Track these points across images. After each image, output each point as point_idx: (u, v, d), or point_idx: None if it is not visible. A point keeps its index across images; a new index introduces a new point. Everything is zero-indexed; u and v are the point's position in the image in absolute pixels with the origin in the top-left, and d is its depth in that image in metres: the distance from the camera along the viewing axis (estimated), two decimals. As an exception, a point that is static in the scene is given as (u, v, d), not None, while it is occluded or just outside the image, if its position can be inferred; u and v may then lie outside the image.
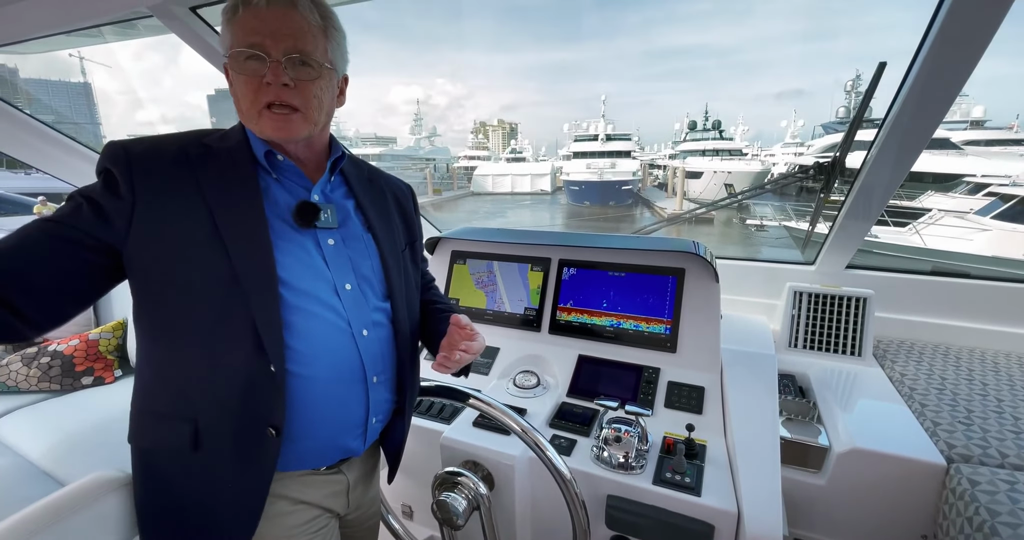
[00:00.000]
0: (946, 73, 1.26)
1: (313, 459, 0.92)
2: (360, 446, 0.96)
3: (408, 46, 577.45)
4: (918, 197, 12.20)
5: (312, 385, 0.84)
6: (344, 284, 0.89)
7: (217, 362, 0.79)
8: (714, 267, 1.54)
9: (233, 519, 0.84)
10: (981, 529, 1.04)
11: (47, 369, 1.95)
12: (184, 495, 0.84)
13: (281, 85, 0.79)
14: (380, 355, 0.95)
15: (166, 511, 0.86)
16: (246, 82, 0.80)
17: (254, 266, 0.79)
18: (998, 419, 1.39)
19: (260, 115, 0.81)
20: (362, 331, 0.90)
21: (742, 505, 1.08)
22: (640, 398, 1.49)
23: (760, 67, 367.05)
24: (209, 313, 0.78)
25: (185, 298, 0.78)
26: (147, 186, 0.77)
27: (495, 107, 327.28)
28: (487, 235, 1.95)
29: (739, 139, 37.66)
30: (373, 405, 0.94)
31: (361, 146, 55.96)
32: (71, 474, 1.47)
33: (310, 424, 0.86)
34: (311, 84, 0.83)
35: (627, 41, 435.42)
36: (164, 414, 0.82)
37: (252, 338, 0.78)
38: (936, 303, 1.99)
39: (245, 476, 0.82)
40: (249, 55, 0.78)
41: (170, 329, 0.80)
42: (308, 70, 0.82)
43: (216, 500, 0.83)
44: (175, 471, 0.84)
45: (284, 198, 0.87)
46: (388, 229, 1.02)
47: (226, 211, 0.80)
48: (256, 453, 0.81)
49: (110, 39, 2.13)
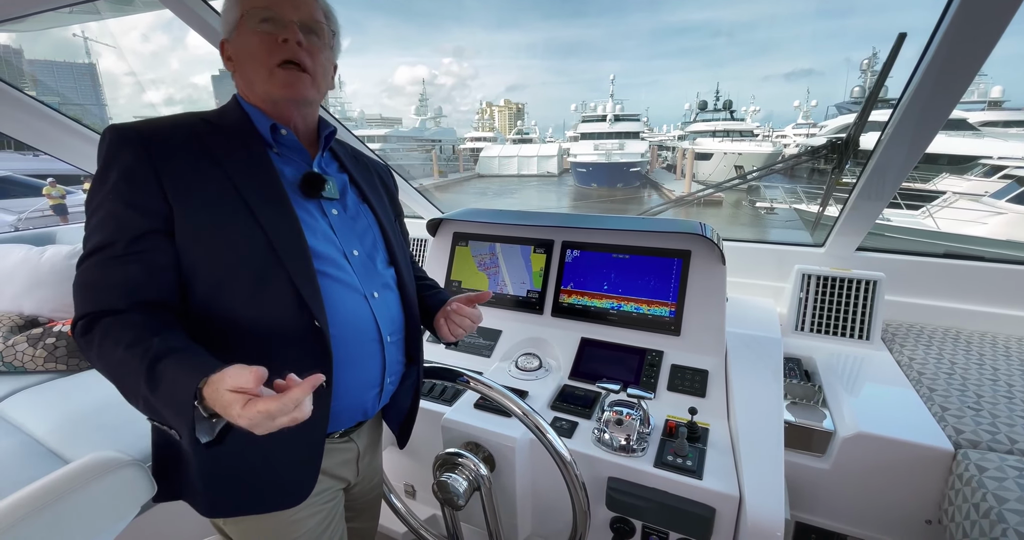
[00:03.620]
0: (966, 49, 1.21)
1: (336, 420, 0.94)
2: (375, 407, 1.00)
3: (414, 24, 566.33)
4: (932, 179, 11.98)
5: (341, 342, 0.87)
6: (352, 250, 0.93)
7: (269, 325, 0.81)
8: (721, 249, 1.50)
9: (294, 475, 0.88)
10: (988, 515, 1.03)
11: (52, 349, 1.96)
12: (250, 454, 0.85)
13: (296, 43, 0.82)
14: (391, 317, 0.98)
15: (232, 472, 0.87)
16: (260, 41, 0.82)
17: (286, 234, 0.82)
18: (1008, 405, 1.37)
19: (272, 73, 0.83)
20: (373, 293, 0.94)
21: (744, 489, 1.07)
22: (643, 381, 1.47)
23: (770, 46, 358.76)
24: (252, 281, 0.80)
25: (226, 271, 0.80)
26: (166, 164, 0.78)
27: (501, 87, 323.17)
28: (489, 216, 1.92)
29: (749, 120, 37.00)
30: (389, 365, 0.98)
31: (366, 127, 55.58)
32: (77, 453, 1.48)
33: (342, 381, 0.88)
34: (319, 51, 0.87)
35: (636, 18, 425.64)
36: None
37: (296, 299, 0.81)
38: (947, 286, 1.95)
39: (305, 431, 0.83)
40: (266, 16, 0.82)
41: (215, 302, 0.81)
42: (318, 40, 0.87)
43: (280, 458, 0.86)
44: (240, 432, 0.84)
45: (288, 171, 0.90)
46: (381, 202, 1.07)
47: (249, 183, 0.82)
48: (315, 408, 0.83)
49: (106, 15, 2.09)
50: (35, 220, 10.95)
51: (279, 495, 0.88)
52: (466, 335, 1.10)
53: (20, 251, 2.24)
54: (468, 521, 1.41)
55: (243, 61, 0.86)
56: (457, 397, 1.45)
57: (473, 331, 1.12)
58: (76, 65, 47.45)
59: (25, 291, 2.17)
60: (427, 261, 2.00)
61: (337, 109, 66.19)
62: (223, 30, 0.88)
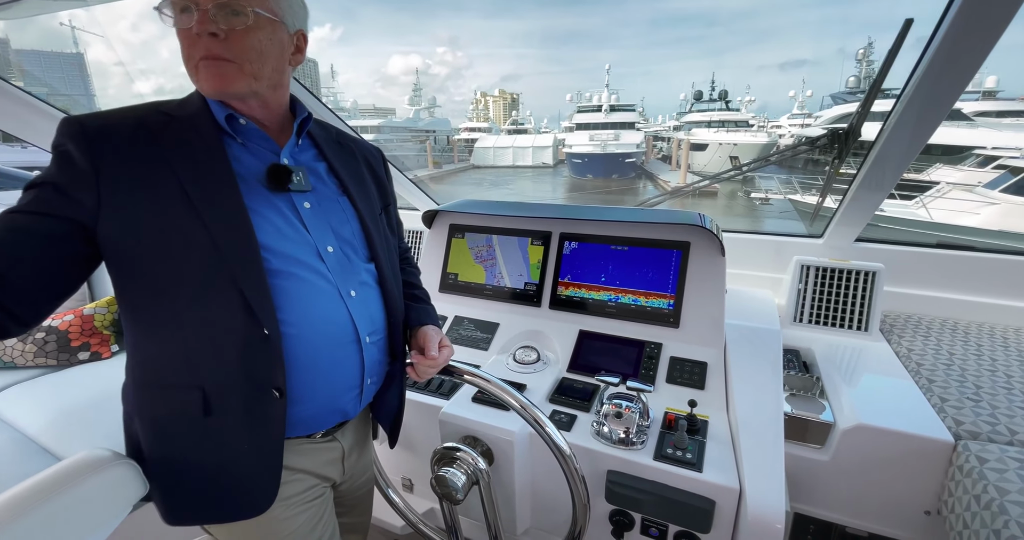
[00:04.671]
0: (973, 38, 1.19)
1: (312, 423, 0.92)
2: (355, 408, 0.97)
3: (407, 12, 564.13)
4: (926, 170, 12.00)
5: (307, 347, 0.84)
6: (326, 247, 0.88)
7: (214, 329, 0.78)
8: (720, 240, 1.49)
9: (254, 483, 0.85)
10: (989, 507, 1.03)
11: (43, 344, 1.93)
12: (203, 461, 0.83)
13: (209, 35, 0.75)
14: (370, 316, 0.94)
15: (186, 479, 0.85)
16: (183, 37, 0.77)
17: (232, 232, 0.77)
18: (1007, 395, 1.36)
19: (197, 70, 0.78)
20: (350, 292, 0.90)
21: (744, 481, 1.06)
22: (642, 374, 1.46)
23: (765, 36, 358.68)
24: (195, 283, 0.77)
25: (168, 270, 0.76)
26: (108, 157, 0.74)
27: (496, 77, 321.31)
28: (486, 208, 1.89)
29: (744, 110, 36.90)
30: (368, 366, 0.94)
31: (359, 118, 55.09)
32: (68, 449, 1.46)
33: (309, 386, 0.86)
34: (245, 34, 0.77)
35: (632, 7, 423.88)
36: (172, 384, 0.81)
37: (242, 303, 0.77)
38: (946, 277, 1.94)
39: (258, 439, 0.83)
40: (181, 7, 0.75)
41: (159, 302, 0.78)
42: (240, 19, 0.76)
43: (235, 465, 0.83)
44: (190, 438, 0.83)
45: (252, 163, 0.84)
46: (363, 192, 1.01)
47: (195, 178, 0.77)
48: (265, 415, 0.82)
49: (92, 1, 2.03)
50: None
51: (239, 504, 0.85)
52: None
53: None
54: (467, 515, 1.40)
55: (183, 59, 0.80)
56: (455, 391, 1.44)
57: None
58: (64, 55, 46.57)
59: (14, 285, 2.14)
60: (423, 253, 1.98)
61: (330, 100, 65.45)
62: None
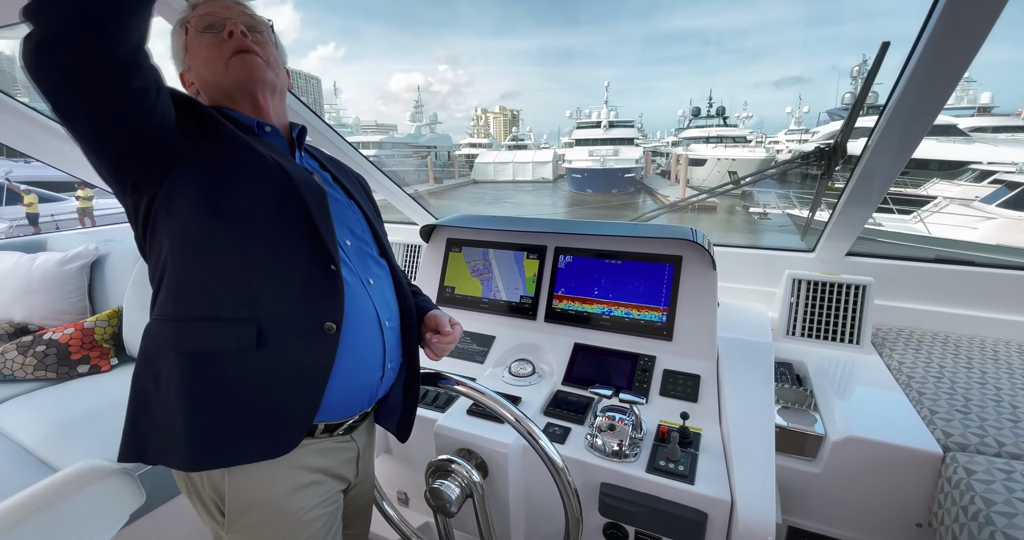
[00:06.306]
0: (949, 55, 1.23)
1: (344, 405, 0.95)
2: (375, 394, 1.01)
3: (409, 32, 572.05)
4: (923, 184, 12.09)
5: (345, 322, 0.89)
6: (344, 240, 0.96)
7: (279, 262, 0.84)
8: (711, 254, 1.52)
9: (288, 420, 0.85)
10: (976, 518, 1.04)
11: (43, 357, 1.95)
12: (245, 395, 0.83)
13: (240, 33, 0.89)
14: (387, 303, 1.01)
15: (223, 415, 0.82)
16: (209, 45, 0.90)
17: (301, 172, 0.89)
18: (996, 408, 1.38)
19: (228, 65, 0.89)
20: (368, 280, 0.97)
21: (735, 493, 1.07)
22: (635, 386, 1.48)
23: (760, 53, 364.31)
24: (269, 206, 0.84)
25: (246, 193, 0.83)
26: (204, 112, 0.86)
27: (496, 94, 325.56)
28: (483, 222, 1.93)
29: (742, 126, 37.27)
30: (389, 349, 0.99)
31: (361, 134, 55.56)
32: (66, 462, 1.45)
33: (345, 362, 0.89)
34: (266, 44, 0.94)
35: (629, 26, 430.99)
36: (220, 316, 0.82)
37: (309, 239, 0.85)
38: (936, 291, 1.97)
39: (306, 374, 0.85)
40: (208, 23, 0.90)
41: (226, 227, 0.82)
42: (260, 36, 0.94)
43: (278, 400, 0.84)
44: (237, 371, 0.82)
45: None
46: (365, 199, 1.11)
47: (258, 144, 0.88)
48: (318, 350, 0.85)
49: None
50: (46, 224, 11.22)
51: (268, 443, 0.84)
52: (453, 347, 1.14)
53: (11, 258, 2.22)
54: (461, 528, 1.40)
55: (201, 71, 0.92)
56: (450, 403, 1.45)
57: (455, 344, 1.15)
58: (70, 71, 47.13)
59: (15, 298, 2.16)
60: (420, 267, 2.01)
61: (332, 116, 66.11)
62: (177, 65, 0.96)
